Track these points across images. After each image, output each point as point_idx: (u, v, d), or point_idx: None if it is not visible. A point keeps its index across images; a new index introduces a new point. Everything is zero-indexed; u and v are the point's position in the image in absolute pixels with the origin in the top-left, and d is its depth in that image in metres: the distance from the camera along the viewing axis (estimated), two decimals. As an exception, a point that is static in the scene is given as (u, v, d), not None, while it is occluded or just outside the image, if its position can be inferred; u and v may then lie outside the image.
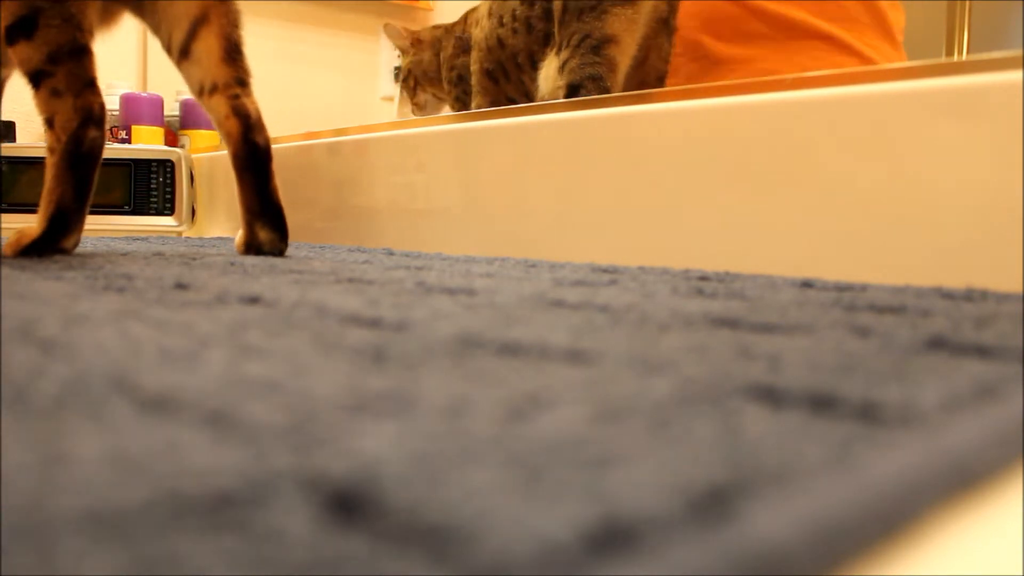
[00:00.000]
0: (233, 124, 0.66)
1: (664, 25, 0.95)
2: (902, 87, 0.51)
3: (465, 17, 1.11)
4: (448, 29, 1.14)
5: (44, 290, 0.41)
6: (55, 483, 0.14)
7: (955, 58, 1.83)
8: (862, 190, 0.52)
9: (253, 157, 0.66)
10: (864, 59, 1.06)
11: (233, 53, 0.67)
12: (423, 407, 0.19)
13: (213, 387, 0.21)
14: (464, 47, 1.07)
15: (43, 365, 0.23)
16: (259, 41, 2.13)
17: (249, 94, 0.68)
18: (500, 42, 0.98)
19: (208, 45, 0.67)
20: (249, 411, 0.19)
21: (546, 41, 0.94)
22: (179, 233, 1.04)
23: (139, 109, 1.33)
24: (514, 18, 0.96)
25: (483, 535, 0.12)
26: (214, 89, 0.67)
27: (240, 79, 0.68)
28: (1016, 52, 0.47)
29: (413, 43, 1.15)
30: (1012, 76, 0.46)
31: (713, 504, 0.13)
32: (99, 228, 0.96)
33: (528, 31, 0.95)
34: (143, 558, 0.11)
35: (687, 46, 1.10)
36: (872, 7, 1.08)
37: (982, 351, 0.26)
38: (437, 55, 1.13)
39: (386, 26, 1.17)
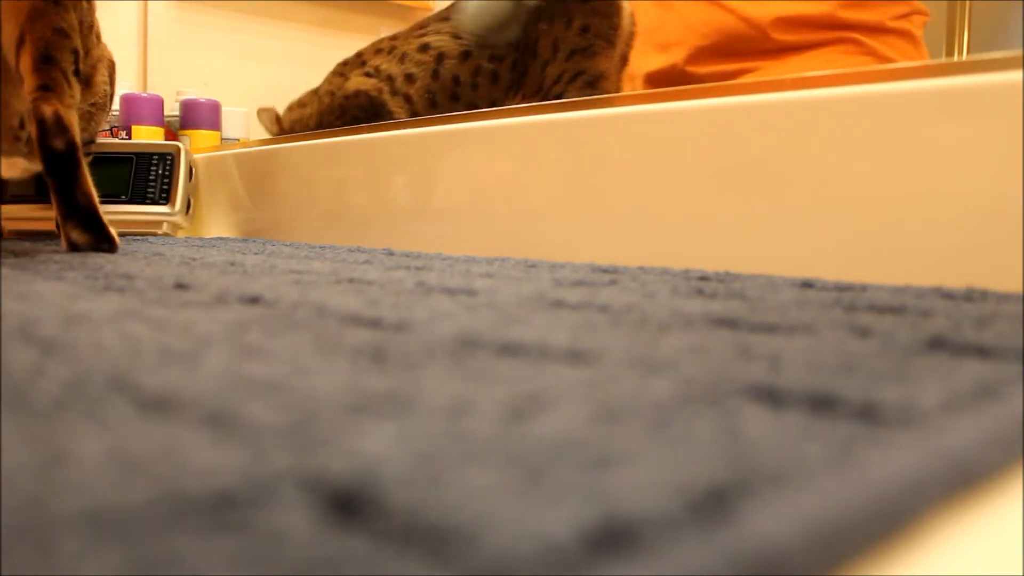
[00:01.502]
0: (32, 129, 0.68)
1: (623, 60, 1.04)
2: (902, 87, 0.51)
3: (342, 74, 1.11)
4: (307, 100, 1.13)
5: (44, 290, 0.41)
6: (55, 483, 0.14)
7: (955, 58, 1.83)
8: (862, 190, 0.52)
9: (50, 162, 0.67)
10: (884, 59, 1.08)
11: (42, 63, 0.69)
12: (423, 407, 0.19)
13: (213, 387, 0.21)
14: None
15: (43, 365, 0.23)
16: (260, 41, 2.14)
17: (50, 100, 0.68)
18: (454, 96, 1.03)
19: (25, 61, 0.70)
20: (249, 411, 0.19)
21: (509, 88, 1.03)
22: (173, 223, 1.04)
23: (139, 109, 1.33)
24: (476, 73, 1.02)
25: (483, 535, 0.12)
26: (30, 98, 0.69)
27: (44, 85, 0.69)
28: (1016, 52, 0.47)
29: (281, 131, 1.15)
30: (1012, 76, 0.46)
31: (713, 504, 0.13)
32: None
33: (494, 82, 1.02)
34: (143, 558, 0.11)
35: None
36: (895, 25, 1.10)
37: (982, 351, 0.26)
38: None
39: (259, 112, 1.16)
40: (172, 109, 1.47)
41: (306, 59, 1.99)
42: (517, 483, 0.14)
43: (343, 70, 1.10)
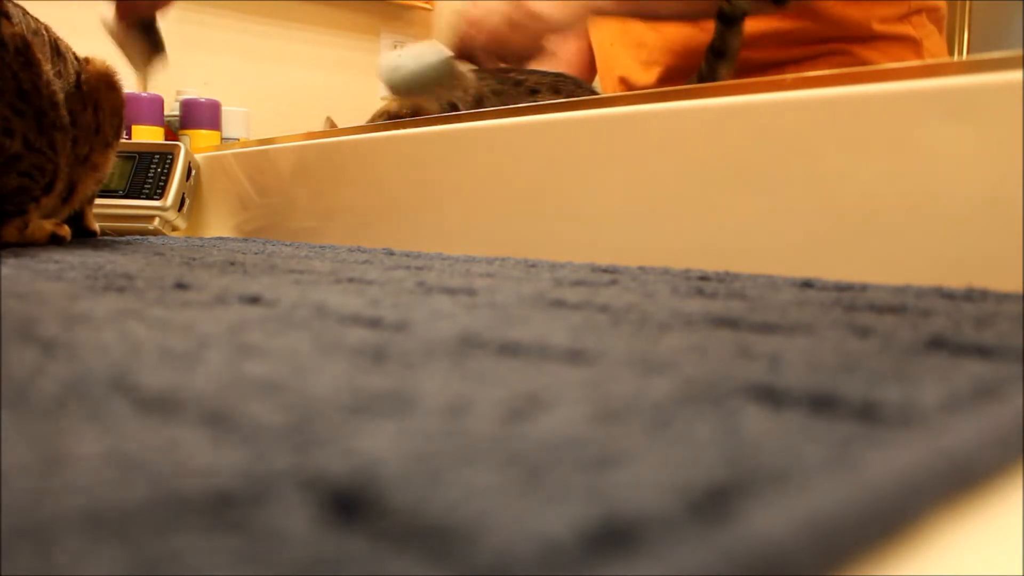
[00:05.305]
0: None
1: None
2: (901, 87, 0.51)
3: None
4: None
5: (44, 290, 0.41)
6: (55, 483, 0.14)
7: (955, 58, 1.83)
8: (862, 190, 0.52)
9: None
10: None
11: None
12: (423, 407, 0.19)
13: (213, 387, 0.21)
14: None
15: (43, 365, 0.23)
16: (259, 41, 2.14)
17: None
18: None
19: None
20: (249, 411, 0.19)
21: None
22: (165, 219, 1.04)
23: (139, 109, 1.33)
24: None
25: (483, 535, 0.12)
26: None
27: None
28: (1016, 52, 0.47)
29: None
30: (1012, 76, 0.46)
31: (713, 504, 0.13)
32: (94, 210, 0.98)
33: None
34: (143, 558, 0.11)
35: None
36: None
37: (982, 351, 0.26)
38: None
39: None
40: (172, 109, 1.47)
41: (306, 59, 1.99)
42: (516, 483, 0.14)
43: None
